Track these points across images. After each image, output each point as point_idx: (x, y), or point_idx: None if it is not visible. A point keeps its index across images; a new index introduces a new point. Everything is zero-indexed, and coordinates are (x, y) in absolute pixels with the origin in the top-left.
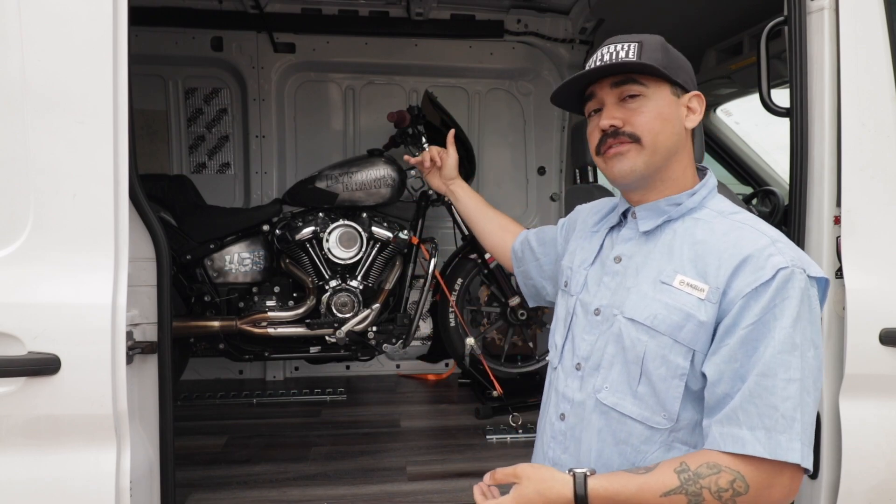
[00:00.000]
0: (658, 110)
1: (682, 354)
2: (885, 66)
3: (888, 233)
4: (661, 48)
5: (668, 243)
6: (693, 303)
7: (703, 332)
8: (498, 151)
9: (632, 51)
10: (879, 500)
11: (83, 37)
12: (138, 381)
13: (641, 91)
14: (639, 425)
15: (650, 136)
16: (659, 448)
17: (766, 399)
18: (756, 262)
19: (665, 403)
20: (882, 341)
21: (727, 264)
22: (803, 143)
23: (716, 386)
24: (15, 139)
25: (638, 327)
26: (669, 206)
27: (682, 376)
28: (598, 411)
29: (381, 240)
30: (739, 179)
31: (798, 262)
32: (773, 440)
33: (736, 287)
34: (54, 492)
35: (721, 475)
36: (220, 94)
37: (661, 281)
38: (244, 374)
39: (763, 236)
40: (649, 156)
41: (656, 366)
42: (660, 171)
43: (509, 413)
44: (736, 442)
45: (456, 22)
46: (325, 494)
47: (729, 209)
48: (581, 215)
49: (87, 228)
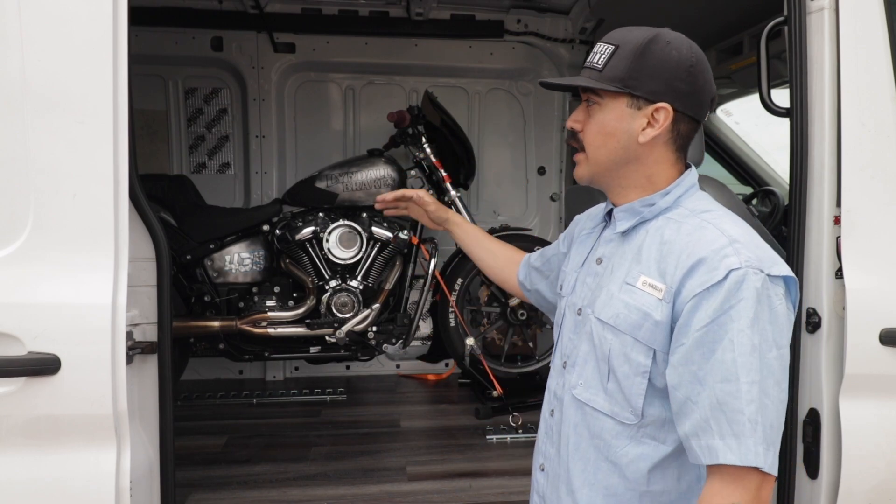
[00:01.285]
0: (602, 123)
1: (643, 353)
2: (885, 66)
3: (888, 233)
4: (633, 55)
5: (638, 244)
6: (652, 303)
7: (660, 332)
8: (498, 151)
9: (604, 56)
10: (879, 500)
11: (83, 37)
12: (138, 381)
13: (597, 100)
14: (609, 420)
15: (591, 148)
16: (629, 442)
17: (731, 405)
18: (710, 263)
19: (630, 400)
20: (882, 341)
21: (683, 264)
22: (803, 143)
23: (676, 390)
24: (15, 139)
25: (604, 326)
26: (643, 206)
27: (644, 374)
28: (574, 406)
29: (381, 240)
30: (739, 179)
31: (754, 263)
32: (742, 446)
33: (688, 287)
34: (54, 492)
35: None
36: (220, 94)
37: (626, 282)
38: (244, 374)
39: (722, 236)
40: (592, 167)
41: (620, 363)
42: (612, 179)
43: (509, 413)
44: (711, 453)
45: (456, 22)
46: (325, 494)
47: (702, 207)
48: (579, 224)
49: (87, 228)
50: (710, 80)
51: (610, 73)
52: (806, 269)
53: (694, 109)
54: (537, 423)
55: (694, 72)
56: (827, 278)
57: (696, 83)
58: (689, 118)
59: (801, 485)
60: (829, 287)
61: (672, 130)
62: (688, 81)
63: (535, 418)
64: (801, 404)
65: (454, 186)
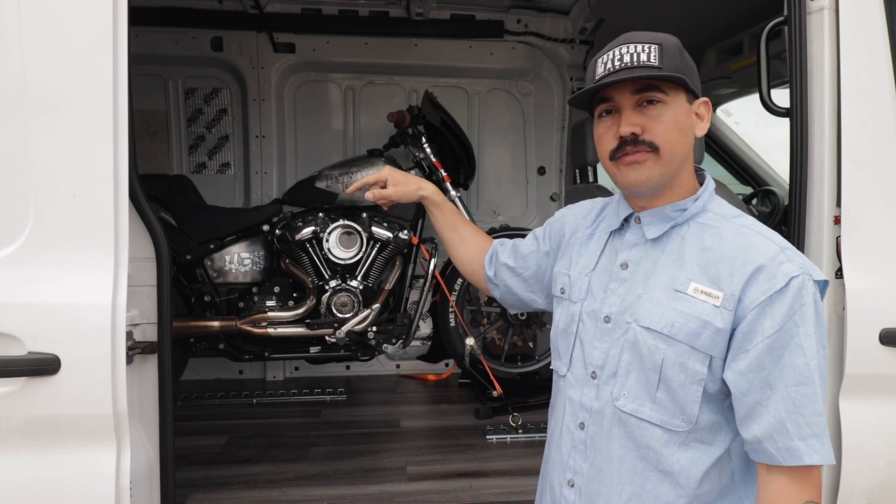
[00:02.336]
0: (676, 120)
1: (700, 361)
2: (885, 66)
3: (888, 233)
4: (678, 53)
5: (676, 250)
6: (709, 310)
7: (721, 339)
8: (498, 151)
9: (653, 54)
10: (879, 500)
11: (83, 37)
12: (138, 381)
13: (662, 98)
14: (658, 429)
15: (668, 146)
16: (678, 449)
17: (810, 407)
18: (769, 271)
19: (684, 408)
20: (882, 341)
21: (740, 272)
22: (803, 143)
23: (745, 396)
24: (15, 139)
25: (655, 335)
26: (675, 211)
27: (700, 381)
28: (617, 419)
29: (381, 240)
30: (739, 179)
31: (806, 269)
32: (824, 446)
33: (750, 295)
34: (54, 492)
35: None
36: (220, 94)
37: (674, 289)
38: (244, 374)
39: (772, 244)
40: (666, 166)
41: (675, 372)
42: (673, 178)
43: (509, 413)
44: (793, 455)
45: (456, 22)
46: (325, 494)
47: (731, 213)
48: (569, 220)
49: (87, 228)
50: None
51: (673, 67)
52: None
53: None
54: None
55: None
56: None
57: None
58: None
59: None
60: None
61: None
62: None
63: (535, 418)
64: None
65: (454, 186)
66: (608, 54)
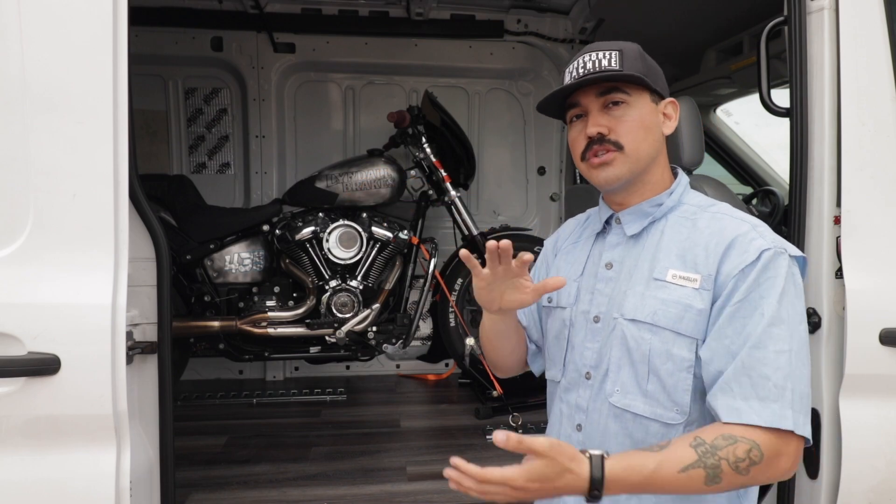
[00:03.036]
0: (640, 119)
1: (686, 346)
2: (885, 66)
3: (888, 233)
4: (639, 56)
5: (655, 243)
6: (689, 294)
7: (703, 320)
8: (498, 151)
9: (614, 59)
10: (879, 500)
11: (83, 37)
12: (138, 381)
13: (625, 99)
14: (654, 423)
15: (633, 144)
16: None
17: (758, 370)
18: (741, 245)
19: (675, 398)
20: (882, 341)
21: (715, 251)
22: (803, 143)
23: (709, 364)
24: (15, 139)
25: (640, 326)
26: (652, 207)
27: (689, 368)
28: (613, 415)
29: (381, 240)
30: (739, 179)
31: (779, 244)
32: (767, 409)
33: (725, 270)
34: (54, 492)
35: (738, 445)
36: (220, 94)
37: (654, 278)
38: (244, 374)
39: (743, 223)
40: (633, 163)
41: (662, 361)
42: (641, 176)
43: (509, 413)
44: (731, 412)
45: (456, 22)
46: (325, 494)
47: (705, 203)
48: (559, 240)
49: (86, 228)
50: None
51: (635, 69)
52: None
53: None
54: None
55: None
56: (827, 278)
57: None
58: None
59: (801, 485)
60: (829, 287)
61: None
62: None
63: (535, 418)
64: None
65: (454, 186)
66: (574, 63)
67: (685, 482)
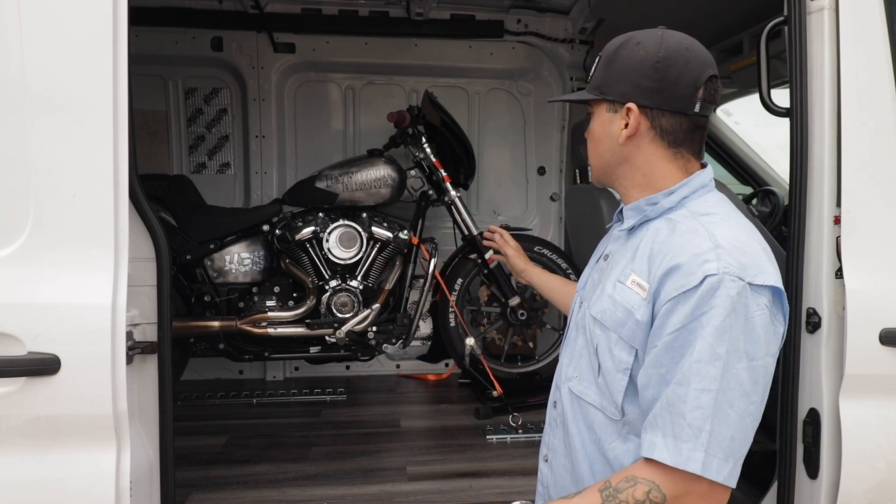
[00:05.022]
0: (592, 131)
1: (626, 350)
2: (885, 66)
3: (888, 233)
4: (605, 62)
5: (636, 243)
6: (637, 302)
7: (641, 332)
8: (498, 151)
9: (594, 67)
10: (879, 500)
11: (83, 37)
12: (138, 381)
13: (591, 110)
14: (600, 414)
15: (590, 154)
16: (616, 437)
17: (677, 407)
18: (688, 268)
19: (612, 395)
20: (882, 341)
21: (662, 267)
22: (803, 143)
23: (645, 390)
24: (15, 139)
25: (594, 321)
26: (647, 205)
27: (625, 371)
28: (571, 398)
29: (381, 240)
30: (739, 179)
31: (734, 270)
32: (677, 448)
33: (665, 290)
34: (54, 492)
35: (637, 487)
36: (220, 94)
37: (618, 280)
38: (244, 374)
39: (708, 241)
40: (594, 171)
41: (605, 358)
42: (613, 181)
43: (509, 413)
44: (650, 447)
45: (456, 22)
46: (325, 494)
47: (704, 210)
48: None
49: (87, 228)
50: (689, 70)
51: (593, 83)
52: (806, 269)
53: (670, 103)
54: (537, 424)
55: (661, 66)
56: (827, 278)
57: (665, 77)
58: (668, 112)
59: (801, 485)
60: (829, 287)
61: (653, 128)
62: (654, 78)
63: (535, 418)
64: (801, 404)
65: (454, 186)
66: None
67: None
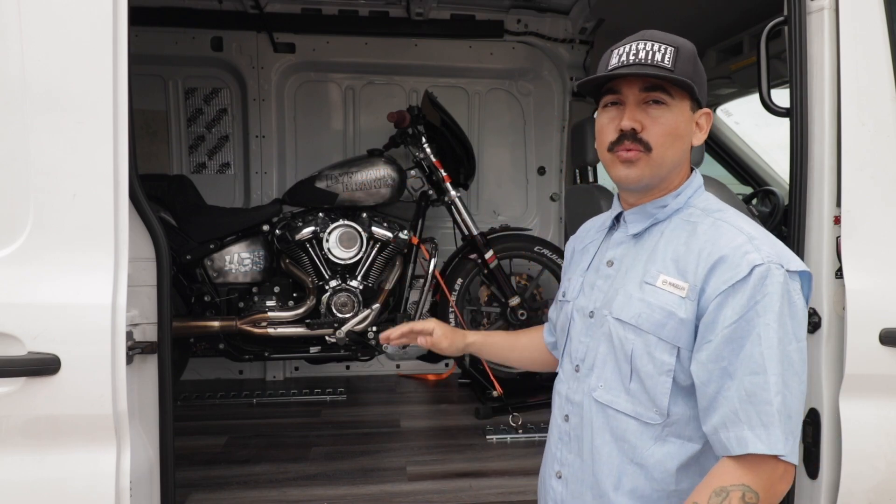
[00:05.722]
0: (675, 125)
1: (668, 351)
2: (884, 66)
3: (888, 233)
4: (692, 59)
5: (653, 245)
6: (674, 301)
7: (685, 330)
8: (498, 151)
9: (668, 55)
10: (879, 500)
11: (83, 37)
12: (138, 381)
13: (666, 101)
14: (633, 421)
15: (661, 149)
16: (654, 443)
17: (760, 396)
18: (732, 260)
19: (655, 399)
20: (882, 341)
21: (704, 263)
22: (803, 143)
23: (706, 386)
24: (15, 139)
25: (625, 326)
26: (656, 208)
27: (668, 372)
28: (596, 409)
29: (381, 240)
30: (739, 179)
31: (775, 258)
32: (769, 436)
33: (712, 284)
34: (54, 492)
35: (730, 497)
36: (220, 94)
37: (645, 281)
38: (244, 374)
39: (740, 234)
40: (655, 168)
41: (644, 363)
42: (662, 181)
43: (509, 413)
44: (740, 443)
45: (456, 22)
46: (325, 494)
47: (714, 206)
48: (576, 239)
49: (86, 228)
50: None
51: (682, 74)
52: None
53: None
54: (537, 424)
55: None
56: (827, 278)
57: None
58: None
59: (801, 485)
60: (829, 287)
61: None
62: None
63: (535, 418)
64: None
65: (454, 186)
66: (625, 47)
67: None
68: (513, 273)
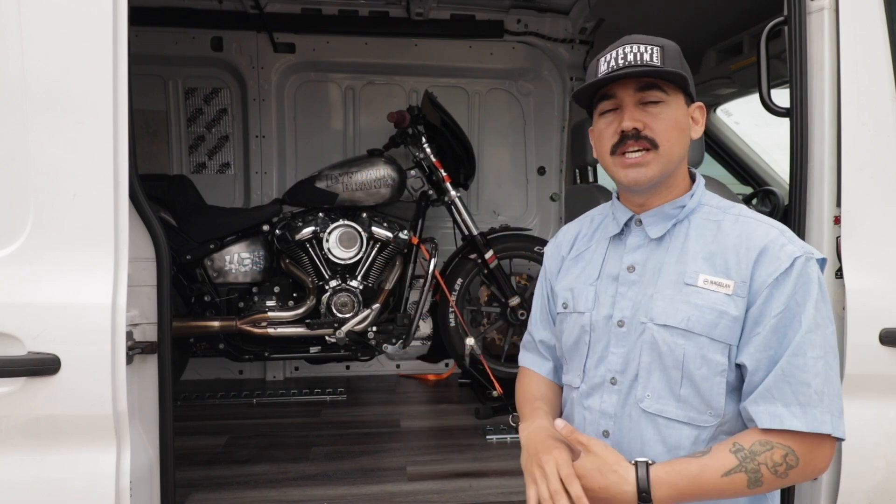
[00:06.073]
0: (675, 119)
1: (720, 351)
2: (884, 66)
3: (888, 233)
4: (678, 56)
5: (680, 246)
6: (722, 300)
7: (737, 327)
8: (498, 151)
9: (655, 55)
10: (879, 500)
11: (83, 37)
12: (138, 381)
13: (663, 98)
14: (686, 427)
15: (668, 144)
16: (708, 445)
17: (798, 377)
18: (772, 253)
19: (711, 402)
20: (882, 341)
21: (746, 258)
22: (803, 143)
23: (754, 374)
24: (15, 139)
25: (673, 332)
26: (674, 209)
27: (723, 373)
28: (644, 420)
29: (381, 240)
30: (739, 179)
31: (807, 250)
32: (808, 415)
33: (759, 278)
34: (54, 492)
35: (775, 451)
36: (220, 94)
37: (685, 283)
38: (244, 374)
39: (771, 228)
40: (665, 164)
41: (697, 366)
42: (669, 178)
43: (509, 413)
44: (773, 419)
45: (456, 22)
46: (325, 494)
47: (725, 204)
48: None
49: (87, 228)
50: None
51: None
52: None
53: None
54: None
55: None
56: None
57: None
58: None
59: (801, 485)
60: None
61: None
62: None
63: None
64: None
65: (454, 186)
66: (611, 53)
67: (728, 486)
68: (513, 273)
